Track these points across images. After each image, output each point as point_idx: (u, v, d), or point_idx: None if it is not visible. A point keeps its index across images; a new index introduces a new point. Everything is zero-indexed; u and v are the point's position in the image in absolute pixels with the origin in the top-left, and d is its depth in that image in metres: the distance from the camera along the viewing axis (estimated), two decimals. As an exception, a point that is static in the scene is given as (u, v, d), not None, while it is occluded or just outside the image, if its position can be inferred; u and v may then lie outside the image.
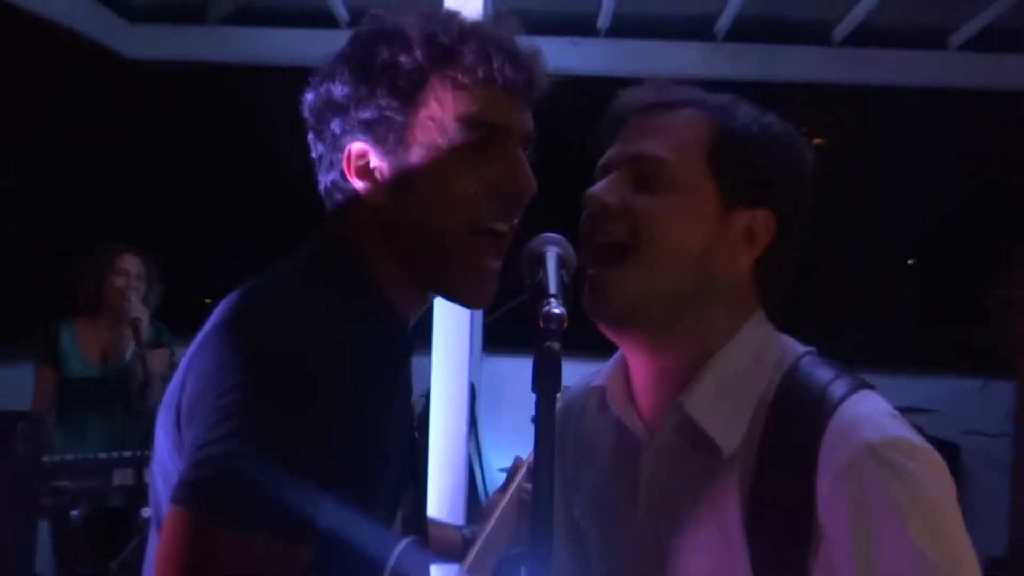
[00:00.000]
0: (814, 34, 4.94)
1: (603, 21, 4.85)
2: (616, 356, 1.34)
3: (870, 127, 7.29)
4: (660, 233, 1.18)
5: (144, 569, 1.20)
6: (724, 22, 4.78)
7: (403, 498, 1.29)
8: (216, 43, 5.04)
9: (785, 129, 1.24)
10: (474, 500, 4.17)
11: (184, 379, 1.11)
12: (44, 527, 3.42)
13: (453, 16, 1.22)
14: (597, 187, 1.23)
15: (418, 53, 1.18)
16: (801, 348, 1.24)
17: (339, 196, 1.24)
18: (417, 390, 1.51)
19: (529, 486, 1.63)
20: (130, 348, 3.84)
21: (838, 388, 1.15)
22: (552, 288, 1.08)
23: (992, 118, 6.15)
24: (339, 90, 1.21)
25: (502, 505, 1.57)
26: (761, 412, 1.17)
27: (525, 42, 1.23)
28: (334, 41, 1.29)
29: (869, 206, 7.21)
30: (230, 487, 0.99)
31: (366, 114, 1.19)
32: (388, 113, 1.18)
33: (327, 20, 4.78)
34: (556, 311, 1.03)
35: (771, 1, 4.65)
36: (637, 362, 1.28)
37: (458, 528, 1.65)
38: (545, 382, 1.01)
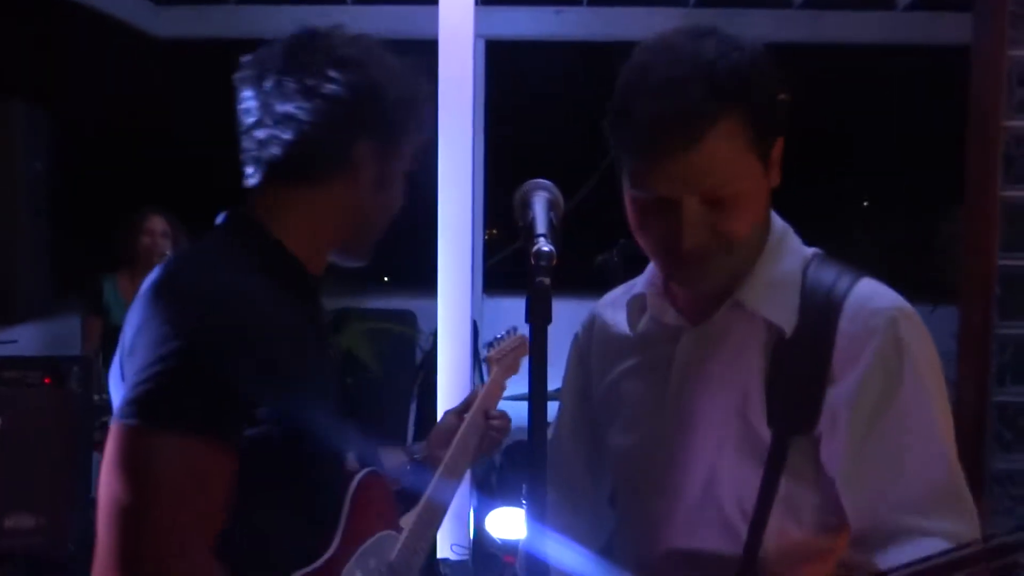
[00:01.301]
0: (776, -1, 4.90)
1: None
2: (649, 268, 1.38)
3: (828, 82, 7.24)
4: (739, 233, 1.21)
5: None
6: (694, -11, 4.72)
7: (349, 436, 1.36)
8: (234, 21, 4.99)
9: (759, 53, 1.20)
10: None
11: (127, 329, 1.20)
12: (96, 458, 3.44)
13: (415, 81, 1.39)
14: (685, 236, 1.19)
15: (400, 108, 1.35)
16: (809, 247, 1.33)
17: (312, 164, 1.37)
18: (426, 328, 1.59)
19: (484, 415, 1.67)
20: None
21: (848, 274, 1.25)
22: (541, 228, 1.08)
23: (935, 71, 6.13)
24: (355, 89, 1.32)
25: (462, 429, 1.61)
26: (795, 292, 1.26)
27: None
28: (336, 15, 1.31)
29: (828, 155, 7.19)
30: (160, 399, 1.09)
31: (381, 123, 1.35)
32: (392, 135, 1.37)
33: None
34: (545, 249, 1.03)
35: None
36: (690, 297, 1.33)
37: (406, 448, 1.67)
38: (537, 315, 1.01)
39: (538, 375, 1.02)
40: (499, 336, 1.94)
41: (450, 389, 3.26)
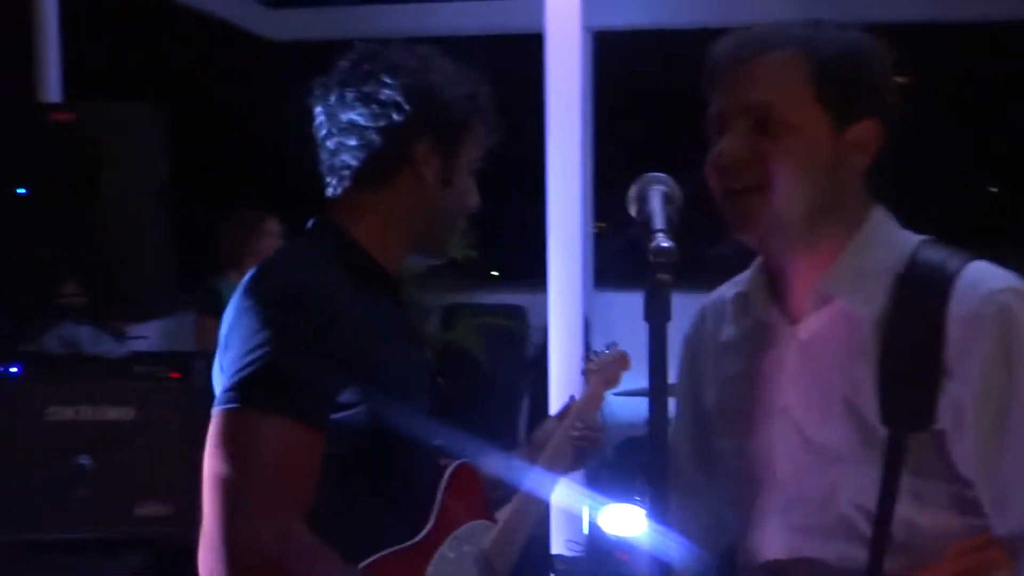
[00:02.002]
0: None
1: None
2: (754, 266, 1.39)
3: (951, 63, 6.95)
4: (787, 171, 1.23)
5: None
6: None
7: (442, 431, 1.47)
8: (344, 22, 5.11)
9: (868, 41, 1.27)
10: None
11: (225, 323, 1.33)
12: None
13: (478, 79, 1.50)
14: (726, 143, 1.26)
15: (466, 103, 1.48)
16: (919, 236, 1.31)
17: (380, 168, 1.49)
18: (536, 324, 1.70)
19: (580, 424, 1.70)
20: None
21: (958, 257, 1.23)
22: (658, 224, 1.09)
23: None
24: (430, 88, 1.45)
25: (559, 433, 1.64)
26: (893, 282, 1.24)
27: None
28: (446, 12, 1.42)
29: (953, 139, 6.91)
30: (253, 384, 1.22)
31: (442, 119, 1.48)
32: (451, 134, 1.48)
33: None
34: (664, 245, 1.04)
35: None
36: (780, 264, 1.33)
37: (506, 453, 1.72)
38: (656, 312, 1.02)
39: (658, 373, 1.03)
40: (598, 350, 1.99)
41: (561, 385, 3.29)
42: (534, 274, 3.55)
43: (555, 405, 3.21)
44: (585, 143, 5.00)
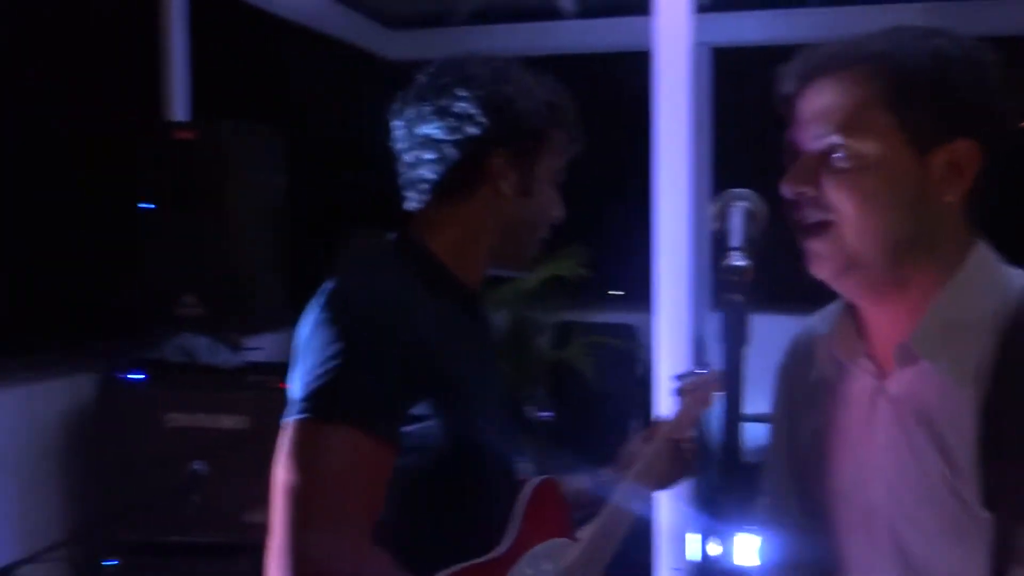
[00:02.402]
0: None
1: (815, -10, 4.62)
2: (838, 306, 1.24)
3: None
4: (856, 210, 1.09)
5: None
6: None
7: (523, 445, 1.47)
8: (462, 41, 5.21)
9: (961, 47, 1.09)
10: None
11: (300, 334, 1.33)
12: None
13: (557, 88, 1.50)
14: (788, 176, 1.13)
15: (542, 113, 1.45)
16: None
17: (455, 182, 1.49)
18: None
19: (670, 445, 1.66)
20: None
21: None
22: (735, 241, 1.05)
23: None
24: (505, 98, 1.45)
25: (647, 454, 1.61)
26: (995, 340, 1.07)
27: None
28: (560, 32, 1.42)
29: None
30: (324, 395, 1.21)
31: (516, 133, 1.45)
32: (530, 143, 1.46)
33: (553, 14, 4.85)
34: (737, 263, 1.00)
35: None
36: (865, 308, 1.19)
37: (592, 473, 1.69)
38: (728, 334, 0.98)
39: (731, 401, 1.00)
40: (694, 370, 1.95)
41: (668, 405, 3.24)
42: (647, 294, 3.53)
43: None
44: (698, 161, 4.96)
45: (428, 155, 1.41)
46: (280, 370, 3.05)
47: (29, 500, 2.95)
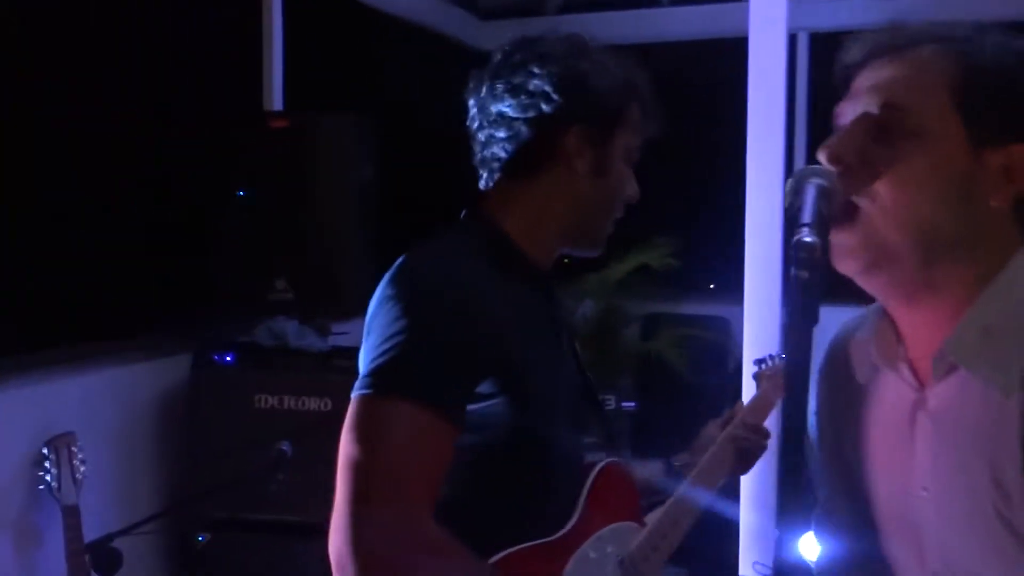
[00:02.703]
0: None
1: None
2: (873, 309, 1.18)
3: None
4: (896, 193, 1.03)
5: None
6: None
7: (591, 428, 1.41)
8: (555, 30, 5.17)
9: None
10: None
11: (369, 309, 1.34)
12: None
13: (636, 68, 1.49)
14: (830, 140, 1.08)
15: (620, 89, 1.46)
16: None
17: (531, 160, 1.49)
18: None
19: (745, 430, 1.61)
20: None
21: None
22: (806, 217, 0.97)
23: None
24: (585, 75, 1.44)
25: (720, 440, 1.57)
26: None
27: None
28: (655, 18, 1.40)
29: None
30: (389, 371, 1.22)
31: (594, 107, 1.45)
32: (606, 118, 1.46)
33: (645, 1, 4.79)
34: (807, 239, 0.93)
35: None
36: (897, 312, 1.13)
37: (666, 460, 1.66)
38: (795, 315, 0.92)
39: (796, 385, 0.94)
40: (772, 355, 1.90)
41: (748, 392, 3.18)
42: (740, 286, 3.46)
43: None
44: (798, 146, 4.84)
45: (500, 133, 1.40)
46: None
47: (125, 475, 3.07)
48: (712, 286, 5.39)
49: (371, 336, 1.29)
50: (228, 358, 3.06)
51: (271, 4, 3.68)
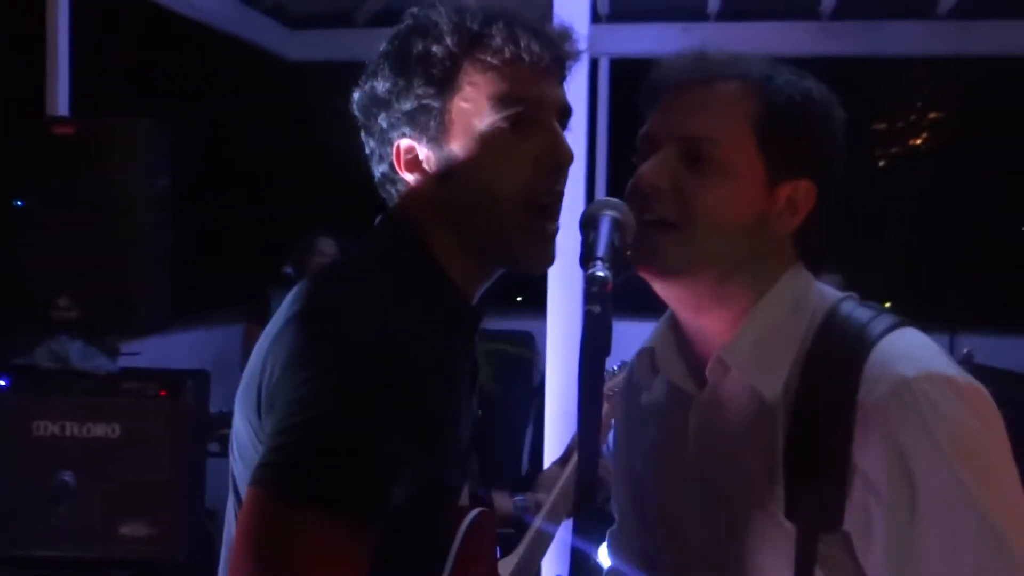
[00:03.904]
0: (918, 8, 4.62)
1: (712, 6, 4.67)
2: (663, 318, 1.26)
3: (982, 98, 6.81)
4: (707, 214, 1.10)
5: (223, 540, 1.19)
6: (829, 0, 4.52)
7: (469, 471, 1.26)
8: (362, 43, 5.08)
9: (823, 95, 1.14)
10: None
11: (264, 363, 1.06)
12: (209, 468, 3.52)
13: (481, 4, 1.16)
14: (647, 167, 1.13)
15: (448, 41, 1.12)
16: (840, 293, 1.15)
17: (392, 188, 1.20)
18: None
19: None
20: None
21: (876, 326, 1.06)
22: (599, 251, 1.01)
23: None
24: (381, 86, 1.16)
25: (563, 478, 1.54)
26: (801, 357, 1.09)
27: (557, 22, 1.18)
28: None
29: (983, 174, 6.76)
30: (302, 469, 0.96)
31: (407, 105, 1.14)
32: (426, 101, 1.13)
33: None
34: (599, 274, 0.96)
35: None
36: (686, 319, 1.20)
37: (511, 497, 1.63)
38: (589, 345, 0.94)
39: (588, 412, 0.96)
40: (610, 369, 1.85)
41: (558, 412, 3.19)
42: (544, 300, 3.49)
43: (551, 432, 3.13)
44: (599, 167, 4.95)
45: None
46: (159, 376, 2.92)
47: None
48: (519, 299, 5.44)
49: (276, 403, 1.01)
50: (2, 382, 2.79)
51: (56, 4, 3.41)
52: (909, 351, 1.04)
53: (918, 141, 7.81)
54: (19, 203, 2.95)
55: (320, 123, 6.19)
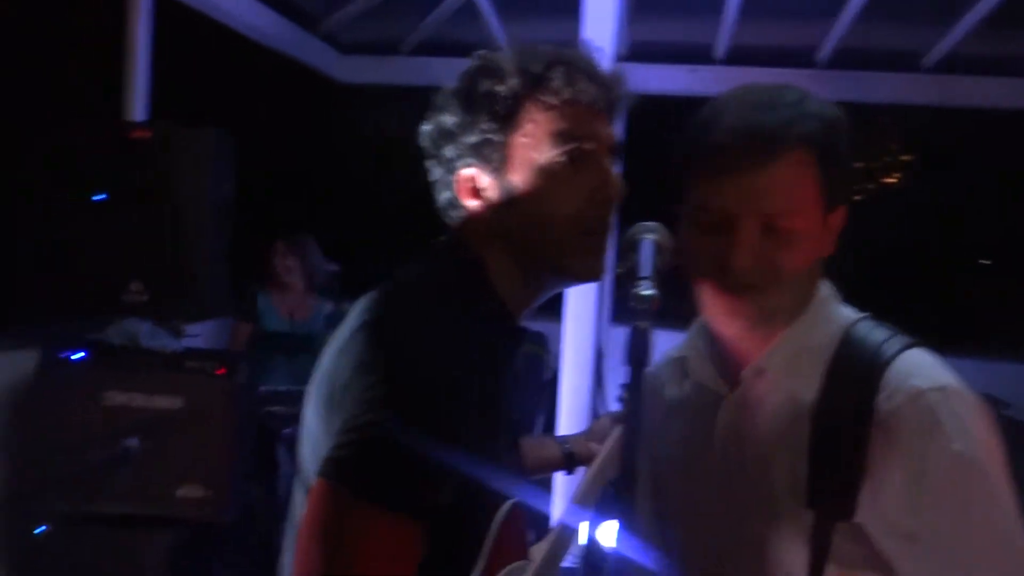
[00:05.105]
0: (906, 61, 4.63)
1: (719, 51, 4.68)
2: (694, 329, 1.26)
3: (953, 145, 6.82)
4: (787, 273, 1.10)
5: (287, 521, 1.18)
6: (824, 52, 4.54)
7: (507, 465, 1.26)
8: (407, 70, 5.10)
9: (842, 119, 1.12)
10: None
11: (337, 363, 1.08)
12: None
13: (543, 47, 1.17)
14: (740, 249, 1.08)
15: (512, 82, 1.13)
16: (858, 313, 1.16)
17: (454, 213, 1.21)
18: (555, 351, 1.40)
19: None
20: (312, 311, 4.27)
21: (894, 344, 1.08)
22: (644, 272, 1.02)
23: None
24: (449, 120, 1.17)
25: (611, 439, 1.50)
26: (827, 367, 1.10)
27: (610, 66, 1.18)
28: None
29: (950, 214, 6.77)
30: (363, 467, 0.97)
31: (472, 139, 1.15)
32: (490, 136, 1.14)
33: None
34: (646, 293, 0.97)
35: (867, 33, 4.38)
36: (728, 336, 1.18)
37: (557, 440, 1.59)
38: (635, 357, 0.96)
39: (633, 414, 0.97)
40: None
41: (570, 410, 3.20)
42: (558, 303, 3.50)
43: (563, 427, 3.13)
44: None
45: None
46: (217, 356, 2.94)
47: (-36, 467, 2.76)
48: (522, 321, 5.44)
49: (345, 401, 1.02)
50: (78, 355, 2.81)
51: (138, 19, 3.44)
52: (922, 367, 1.06)
53: (891, 179, 7.83)
54: (98, 197, 2.97)
55: (363, 139, 6.25)
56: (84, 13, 3.55)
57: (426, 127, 1.21)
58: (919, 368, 1.05)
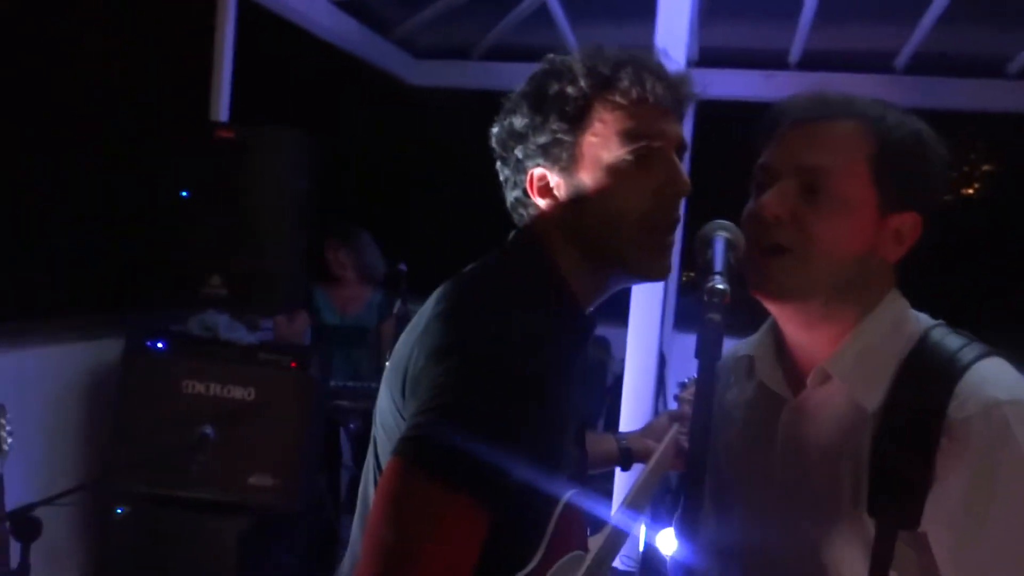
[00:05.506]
0: (988, 67, 4.46)
1: (794, 56, 4.58)
2: (764, 329, 1.24)
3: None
4: (822, 242, 1.07)
5: (358, 504, 1.21)
6: (903, 56, 4.40)
7: (571, 457, 1.26)
8: (476, 74, 5.14)
9: (931, 135, 1.11)
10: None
11: (412, 349, 1.09)
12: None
13: (611, 50, 1.16)
14: (767, 197, 1.10)
15: (582, 83, 1.13)
16: (932, 320, 1.12)
17: (524, 210, 1.21)
18: (619, 356, 1.40)
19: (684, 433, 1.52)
20: (365, 304, 4.12)
21: (970, 352, 1.04)
22: (718, 267, 1.00)
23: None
24: (519, 121, 1.17)
25: (668, 437, 1.47)
26: (896, 372, 1.07)
27: (676, 67, 1.17)
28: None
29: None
30: (437, 446, 0.98)
31: (542, 139, 1.15)
32: (560, 136, 1.13)
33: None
34: (719, 287, 0.95)
35: (948, 38, 4.23)
36: (791, 333, 1.17)
37: (615, 437, 1.58)
38: (706, 350, 0.93)
39: (703, 410, 0.94)
40: (692, 377, 1.83)
41: (632, 415, 3.17)
42: (623, 308, 3.47)
43: (626, 427, 3.10)
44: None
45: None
46: (290, 350, 2.99)
47: (51, 449, 2.87)
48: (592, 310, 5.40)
49: (421, 382, 1.04)
50: (160, 344, 2.90)
51: (224, 25, 3.53)
52: (998, 377, 1.02)
53: (970, 191, 7.56)
54: (184, 194, 3.05)
55: (434, 139, 6.30)
56: (175, 20, 3.65)
57: (496, 129, 1.23)
58: (996, 378, 1.01)
